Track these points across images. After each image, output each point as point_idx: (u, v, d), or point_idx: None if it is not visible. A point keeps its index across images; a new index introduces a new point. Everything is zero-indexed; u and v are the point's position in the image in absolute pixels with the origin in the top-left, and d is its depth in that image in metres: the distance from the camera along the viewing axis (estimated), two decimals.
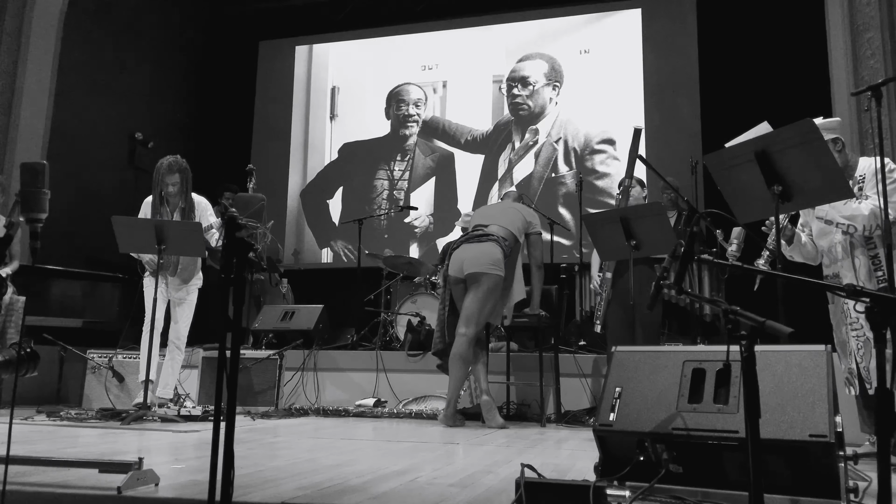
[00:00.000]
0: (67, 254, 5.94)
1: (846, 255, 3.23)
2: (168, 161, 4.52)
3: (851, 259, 3.20)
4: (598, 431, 2.22)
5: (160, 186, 4.53)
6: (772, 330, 1.52)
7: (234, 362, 1.73)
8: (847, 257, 3.22)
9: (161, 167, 4.52)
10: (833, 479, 1.90)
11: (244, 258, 1.77)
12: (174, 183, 4.50)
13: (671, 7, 7.68)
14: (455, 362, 4.28)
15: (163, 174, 4.50)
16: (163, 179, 4.50)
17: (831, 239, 3.28)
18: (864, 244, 3.16)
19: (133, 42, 7.73)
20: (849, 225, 3.14)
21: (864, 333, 3.15)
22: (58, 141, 6.60)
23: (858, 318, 3.14)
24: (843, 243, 3.24)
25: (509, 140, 7.95)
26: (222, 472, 1.64)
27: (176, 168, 4.51)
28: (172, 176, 4.50)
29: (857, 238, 3.18)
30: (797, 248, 3.38)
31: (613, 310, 4.54)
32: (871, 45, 5.22)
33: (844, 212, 3.14)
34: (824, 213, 3.21)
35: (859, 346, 3.17)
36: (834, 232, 3.25)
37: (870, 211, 3.09)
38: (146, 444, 3.31)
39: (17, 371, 1.94)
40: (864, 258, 3.17)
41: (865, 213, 3.10)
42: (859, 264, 3.17)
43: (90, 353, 5.13)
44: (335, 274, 8.07)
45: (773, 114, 3.55)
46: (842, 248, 3.25)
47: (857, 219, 3.12)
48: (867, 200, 3.13)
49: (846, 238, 3.22)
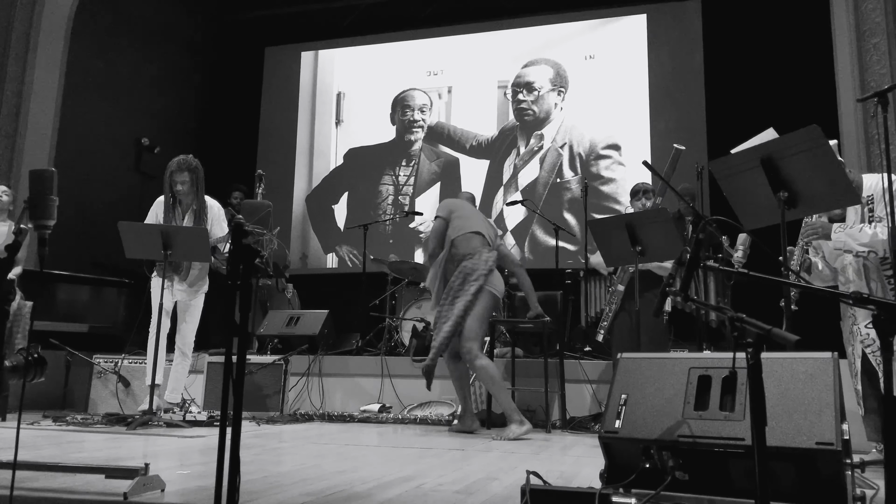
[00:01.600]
0: (73, 259, 5.96)
1: (859, 277, 3.19)
2: (178, 160, 4.52)
3: (867, 282, 3.16)
4: (603, 438, 2.22)
5: (171, 186, 4.53)
6: (778, 338, 1.52)
7: (240, 368, 1.73)
8: (860, 280, 3.18)
9: (171, 166, 4.52)
10: (840, 486, 1.89)
11: (250, 264, 1.78)
12: (183, 181, 4.50)
13: (676, 13, 7.68)
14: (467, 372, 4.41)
15: (172, 172, 4.51)
16: (172, 178, 4.51)
17: (842, 261, 3.26)
18: (879, 266, 3.13)
19: (140, 48, 7.77)
20: (869, 252, 3.11)
21: (878, 348, 3.13)
22: (65, 146, 6.63)
23: (869, 333, 3.12)
24: (854, 265, 3.20)
25: (514, 145, 7.96)
26: (228, 478, 1.65)
27: (185, 166, 4.50)
28: (182, 174, 4.50)
29: (871, 260, 3.13)
30: (817, 277, 3.35)
31: (621, 318, 4.54)
32: (877, 50, 5.21)
33: (862, 239, 3.06)
34: (842, 244, 3.14)
35: (878, 362, 3.13)
36: (843, 254, 3.22)
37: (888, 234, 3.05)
38: (152, 449, 3.32)
39: (24, 377, 1.95)
40: (879, 283, 3.12)
41: (883, 237, 3.03)
42: (875, 288, 3.13)
43: (96, 358, 5.15)
44: (340, 279, 8.07)
45: (779, 119, 3.55)
46: (853, 270, 3.21)
47: (878, 245, 3.05)
48: (881, 224, 3.06)
49: (858, 260, 3.17)
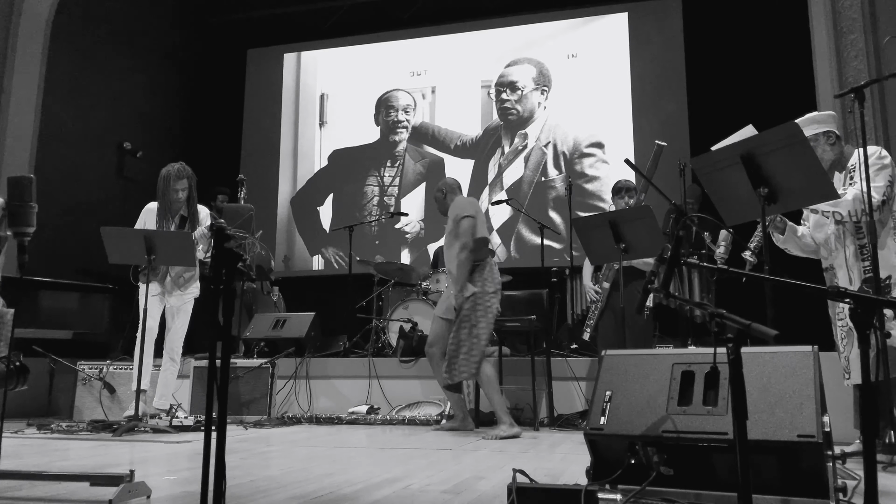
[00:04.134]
0: (56, 265, 5.91)
1: (839, 245, 3.22)
2: (176, 168, 4.53)
3: (843, 249, 3.21)
4: (589, 435, 2.23)
5: (168, 194, 4.51)
6: (758, 333, 1.53)
7: (224, 372, 1.73)
8: (840, 248, 3.22)
9: (170, 175, 4.51)
10: (822, 478, 1.92)
11: (233, 268, 1.77)
12: (183, 189, 4.52)
13: (657, 11, 7.73)
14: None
15: (171, 181, 4.50)
16: (171, 186, 4.50)
17: (826, 231, 3.28)
18: (854, 233, 3.16)
19: (121, 50, 7.71)
20: (833, 212, 3.15)
21: (847, 324, 3.18)
22: (45, 150, 6.56)
23: (844, 308, 3.16)
24: (836, 233, 3.24)
25: (499, 145, 7.97)
26: (214, 483, 1.64)
27: (184, 174, 4.54)
28: (181, 181, 4.51)
29: (848, 227, 3.18)
30: (791, 241, 3.36)
31: (605, 315, 4.57)
32: (854, 46, 5.27)
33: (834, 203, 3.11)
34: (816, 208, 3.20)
35: (842, 336, 3.21)
36: (828, 224, 3.25)
37: (853, 196, 3.09)
38: (138, 455, 3.30)
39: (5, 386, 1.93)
40: (854, 246, 3.17)
41: (849, 198, 3.09)
42: (849, 253, 3.18)
43: (80, 365, 5.10)
44: (326, 281, 8.05)
45: (760, 115, 3.59)
46: (835, 238, 3.24)
47: (841, 205, 3.11)
48: (852, 187, 3.13)
49: (839, 228, 3.21)
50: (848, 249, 3.19)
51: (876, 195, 3.03)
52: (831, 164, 3.25)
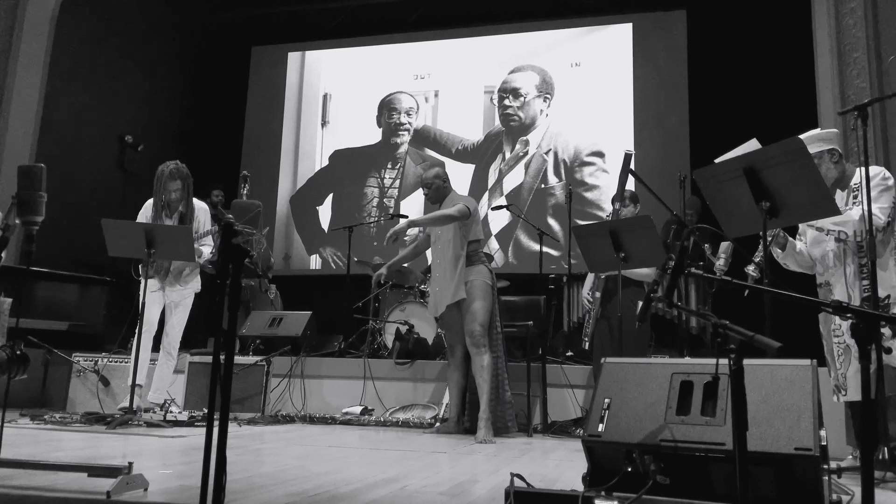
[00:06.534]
0: (54, 256, 5.89)
1: (838, 262, 3.22)
2: (170, 168, 4.51)
3: (843, 267, 3.22)
4: (586, 442, 2.24)
5: (162, 193, 4.51)
6: (760, 344, 1.55)
7: (227, 368, 1.73)
8: (839, 265, 3.22)
9: (163, 174, 4.50)
10: (817, 492, 1.93)
11: (240, 264, 1.78)
12: (176, 189, 4.50)
13: (661, 22, 7.77)
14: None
15: (165, 181, 4.49)
16: (165, 186, 4.49)
17: (824, 248, 3.29)
18: (856, 251, 3.17)
19: (125, 45, 7.71)
20: (839, 231, 3.15)
21: (844, 341, 3.18)
22: (47, 142, 6.56)
23: (841, 325, 3.17)
24: (835, 251, 3.24)
25: (500, 150, 8.00)
26: (214, 477, 1.65)
27: (178, 175, 4.51)
28: (174, 182, 4.49)
29: (850, 245, 3.18)
30: (791, 256, 3.37)
31: (599, 324, 4.58)
32: (857, 64, 5.31)
33: (835, 218, 3.11)
34: (816, 221, 3.20)
35: (839, 353, 3.20)
36: (827, 241, 3.25)
37: (860, 216, 3.09)
38: (132, 448, 3.30)
39: (8, 373, 1.93)
40: (854, 265, 3.17)
41: (855, 217, 3.09)
42: (850, 272, 3.19)
43: (75, 357, 5.09)
44: (324, 281, 8.05)
45: (762, 130, 3.61)
46: (833, 255, 3.25)
47: (847, 224, 3.11)
48: (857, 207, 3.13)
49: (839, 246, 3.21)
50: (848, 268, 3.19)
51: (882, 216, 3.04)
52: (834, 182, 3.26)
